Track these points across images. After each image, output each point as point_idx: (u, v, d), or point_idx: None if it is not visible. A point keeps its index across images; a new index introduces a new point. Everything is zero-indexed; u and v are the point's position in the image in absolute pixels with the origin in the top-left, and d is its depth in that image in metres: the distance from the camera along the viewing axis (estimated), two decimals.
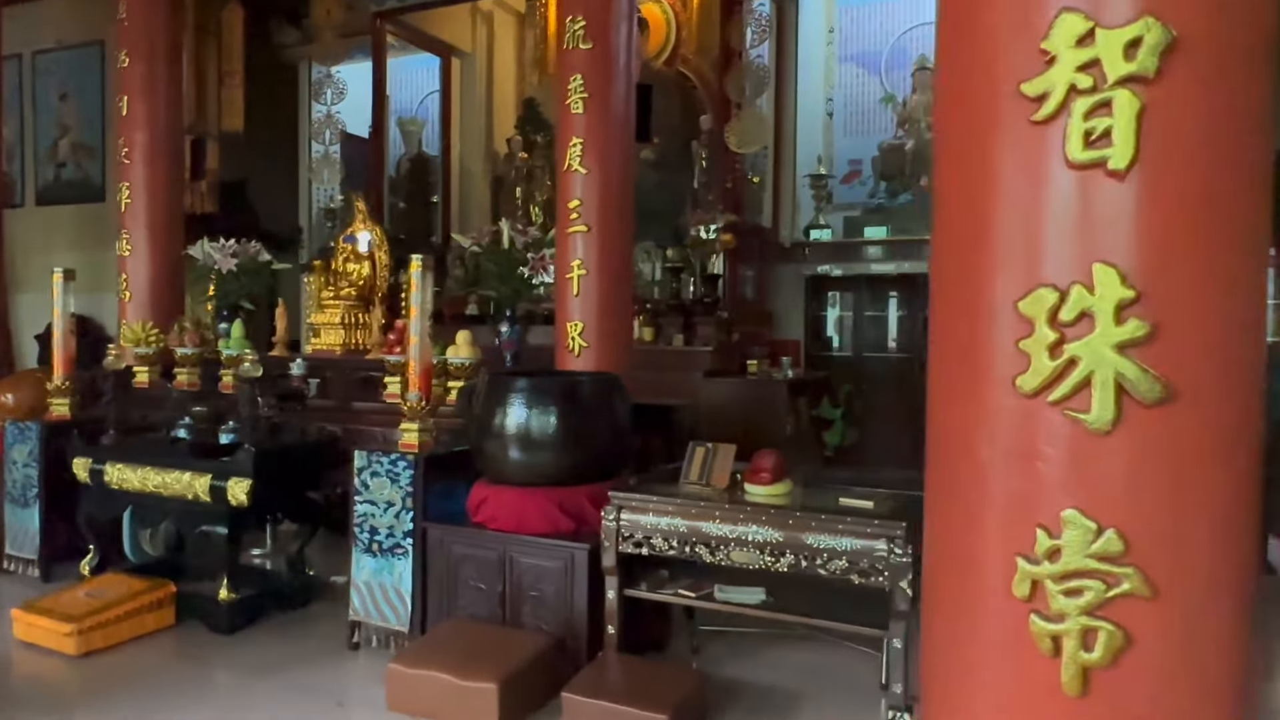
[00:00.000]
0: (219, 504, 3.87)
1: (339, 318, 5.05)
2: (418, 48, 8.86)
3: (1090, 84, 1.00)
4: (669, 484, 3.45)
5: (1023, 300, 1.05)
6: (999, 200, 1.10)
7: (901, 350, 8.45)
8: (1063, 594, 1.03)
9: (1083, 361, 1.01)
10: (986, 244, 1.11)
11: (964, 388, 1.15)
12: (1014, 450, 1.08)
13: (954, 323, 1.17)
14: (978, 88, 1.12)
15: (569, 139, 4.26)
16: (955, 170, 1.18)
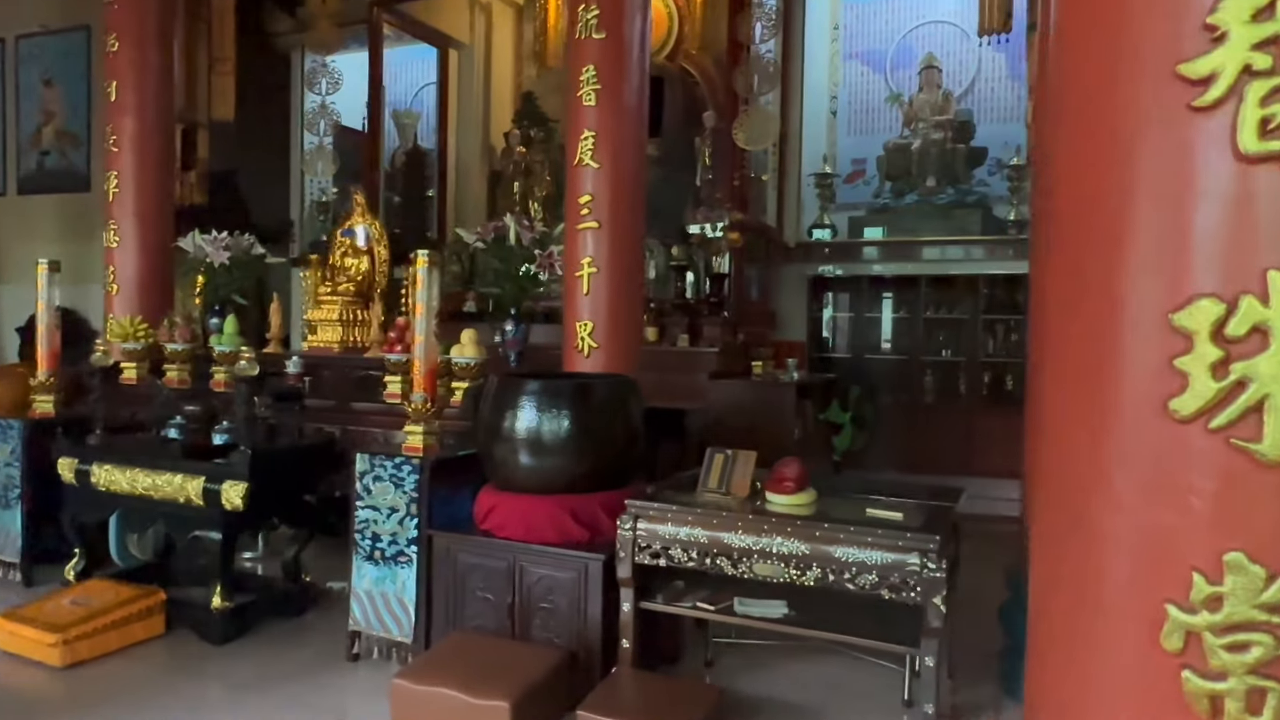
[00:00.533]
0: (213, 508, 3.70)
1: (337, 314, 4.88)
2: (414, 38, 8.67)
3: (1269, 64, 0.87)
4: (687, 492, 3.32)
5: (1178, 312, 0.93)
6: (1141, 197, 0.97)
7: (900, 352, 8.36)
8: (1225, 649, 0.90)
9: (1254, 383, 0.88)
10: (1124, 247, 0.98)
11: (1093, 408, 1.02)
12: (1161, 482, 0.95)
13: (1078, 336, 1.04)
14: (1113, 67, 0.99)
15: (580, 132, 4.11)
16: (1078, 164, 1.05)
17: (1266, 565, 0.89)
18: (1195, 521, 0.93)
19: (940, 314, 8.23)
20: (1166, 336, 0.94)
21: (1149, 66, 0.95)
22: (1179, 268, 0.93)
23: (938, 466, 7.69)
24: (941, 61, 7.54)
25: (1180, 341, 0.93)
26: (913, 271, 7.69)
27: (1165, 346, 0.94)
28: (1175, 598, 0.93)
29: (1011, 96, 7.55)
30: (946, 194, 7.23)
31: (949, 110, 7.36)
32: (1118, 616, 0.98)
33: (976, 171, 7.40)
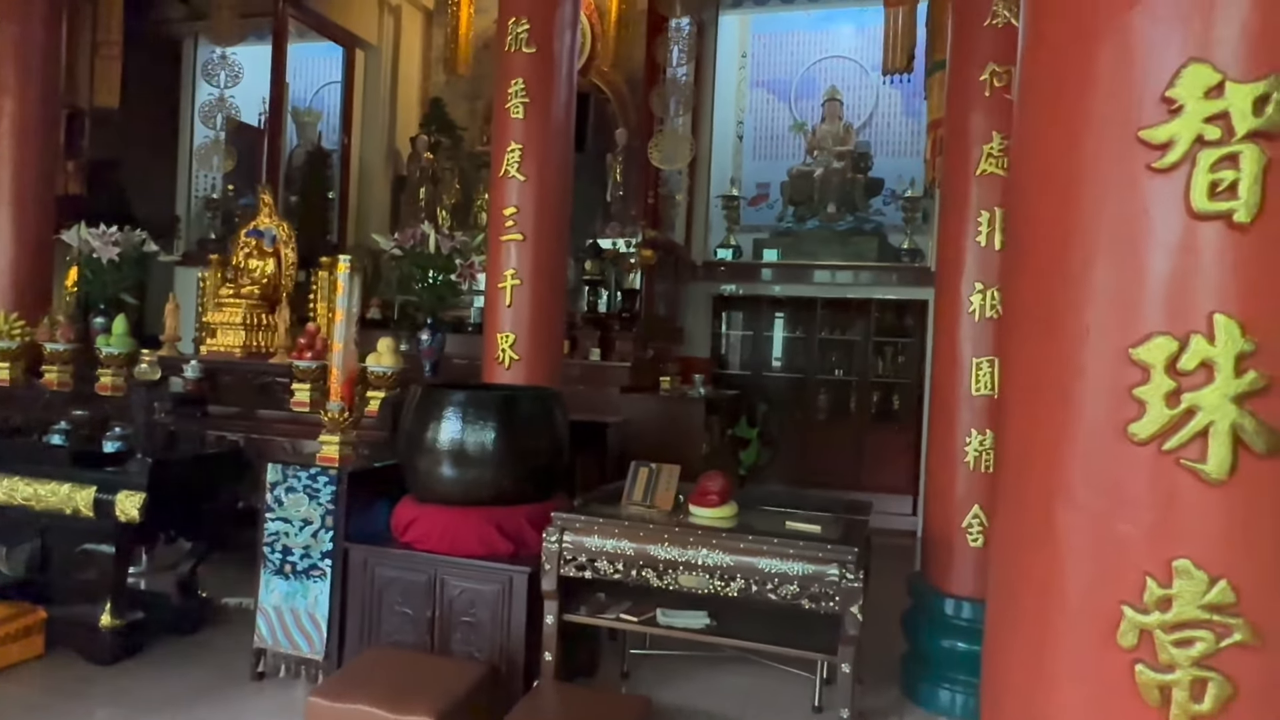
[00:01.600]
0: (104, 519, 3.48)
1: (240, 317, 4.66)
2: (319, 35, 8.41)
3: (1218, 135, 1.01)
4: (612, 505, 3.36)
5: (1137, 347, 1.05)
6: (1105, 244, 1.09)
7: (796, 371, 8.69)
8: (1173, 644, 1.02)
9: (1202, 411, 1.01)
10: (1090, 288, 1.10)
11: (1060, 429, 1.13)
12: (1119, 496, 1.07)
13: (1048, 364, 1.16)
14: (1080, 129, 1.12)
15: (506, 144, 4.11)
16: (1047, 211, 1.17)
17: (1209, 571, 1.02)
18: (1149, 532, 1.05)
19: (834, 335, 8.61)
20: (1126, 368, 1.06)
21: (1112, 130, 1.08)
22: (1138, 308, 1.06)
23: (830, 481, 8.02)
24: (843, 94, 7.92)
25: (1138, 373, 1.05)
26: (810, 294, 8.02)
27: (1125, 377, 1.06)
28: (1130, 599, 1.05)
29: (906, 131, 8.00)
30: (846, 221, 7.59)
31: (849, 141, 7.74)
32: (1078, 617, 1.10)
33: (873, 201, 7.79)
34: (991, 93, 3.49)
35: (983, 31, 3.52)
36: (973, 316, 3.51)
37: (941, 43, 4.91)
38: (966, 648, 3.37)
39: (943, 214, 3.79)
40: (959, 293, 3.57)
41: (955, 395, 3.58)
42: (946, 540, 3.57)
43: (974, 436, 3.48)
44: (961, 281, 3.57)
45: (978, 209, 3.51)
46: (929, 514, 3.77)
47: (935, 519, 3.67)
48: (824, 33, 8.24)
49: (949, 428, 3.61)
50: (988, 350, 3.46)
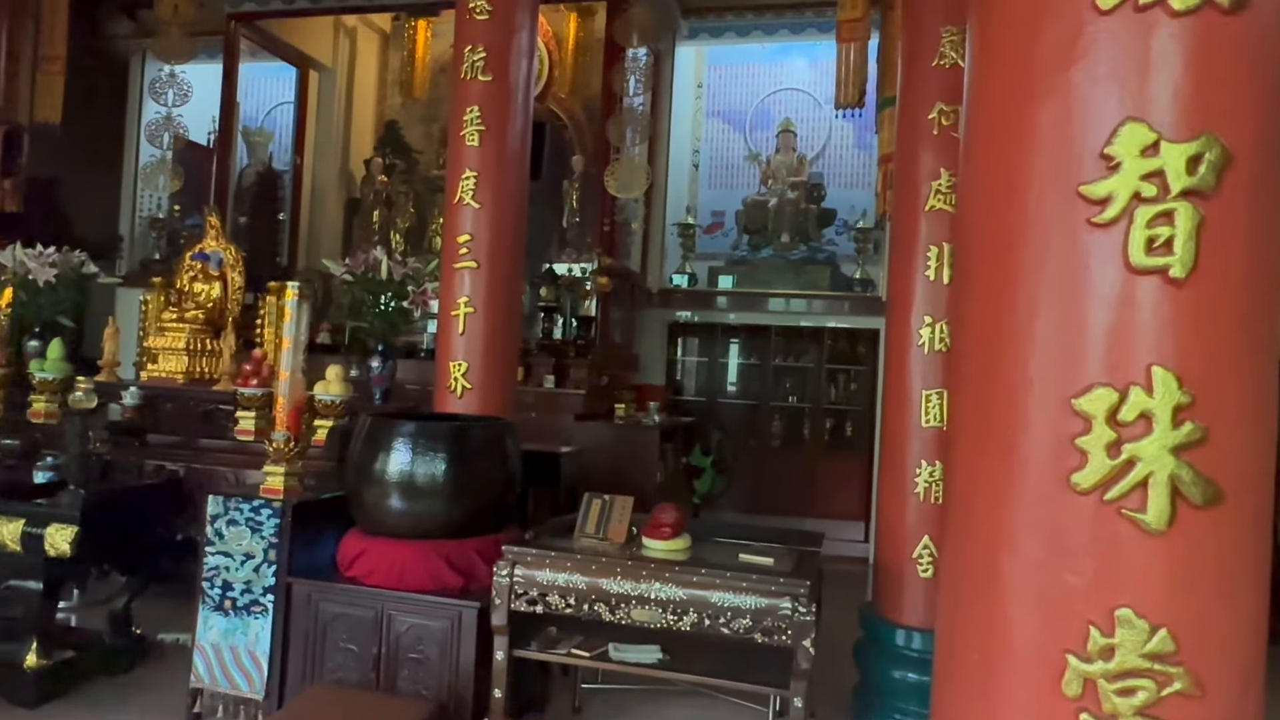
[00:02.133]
0: (33, 554, 3.33)
1: (183, 342, 4.53)
2: (271, 55, 8.31)
3: (1154, 193, 1.04)
4: (565, 537, 3.32)
5: (1080, 398, 1.07)
6: (1046, 296, 1.11)
7: (750, 397, 8.74)
8: (1116, 693, 1.03)
9: (1141, 462, 1.03)
10: (1032, 339, 1.12)
11: (1005, 477, 1.15)
12: (1063, 545, 1.08)
13: (993, 412, 1.17)
14: (1023, 182, 1.14)
15: (461, 171, 4.09)
16: (990, 261, 1.19)
17: (1150, 620, 1.03)
18: (1091, 581, 1.06)
19: (788, 362, 8.68)
20: (1069, 418, 1.08)
21: (1054, 185, 1.10)
22: (1079, 359, 1.08)
23: (785, 508, 8.04)
24: (797, 126, 8.06)
25: (1080, 423, 1.07)
26: (764, 321, 8.09)
27: (1068, 426, 1.08)
28: (1074, 648, 1.06)
29: (858, 164, 8.16)
30: (799, 250, 7.69)
31: (803, 172, 7.86)
32: (1023, 665, 1.10)
33: (826, 231, 7.91)
34: (939, 131, 3.57)
35: (931, 71, 3.61)
36: (922, 349, 3.56)
37: (892, 80, 5.03)
38: (917, 679, 3.39)
39: (893, 248, 3.85)
40: (909, 325, 3.62)
41: (905, 426, 3.63)
42: (897, 571, 3.59)
43: (924, 468, 3.52)
44: (911, 314, 3.63)
45: (926, 243, 3.58)
46: (880, 544, 3.79)
47: (886, 549, 3.70)
48: (778, 65, 8.38)
49: (899, 459, 3.65)
50: (937, 382, 3.51)
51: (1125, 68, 1.06)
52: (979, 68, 1.25)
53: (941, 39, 3.58)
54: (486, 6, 4.05)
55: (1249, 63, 1.04)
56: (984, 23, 1.24)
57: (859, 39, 5.62)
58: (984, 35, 1.24)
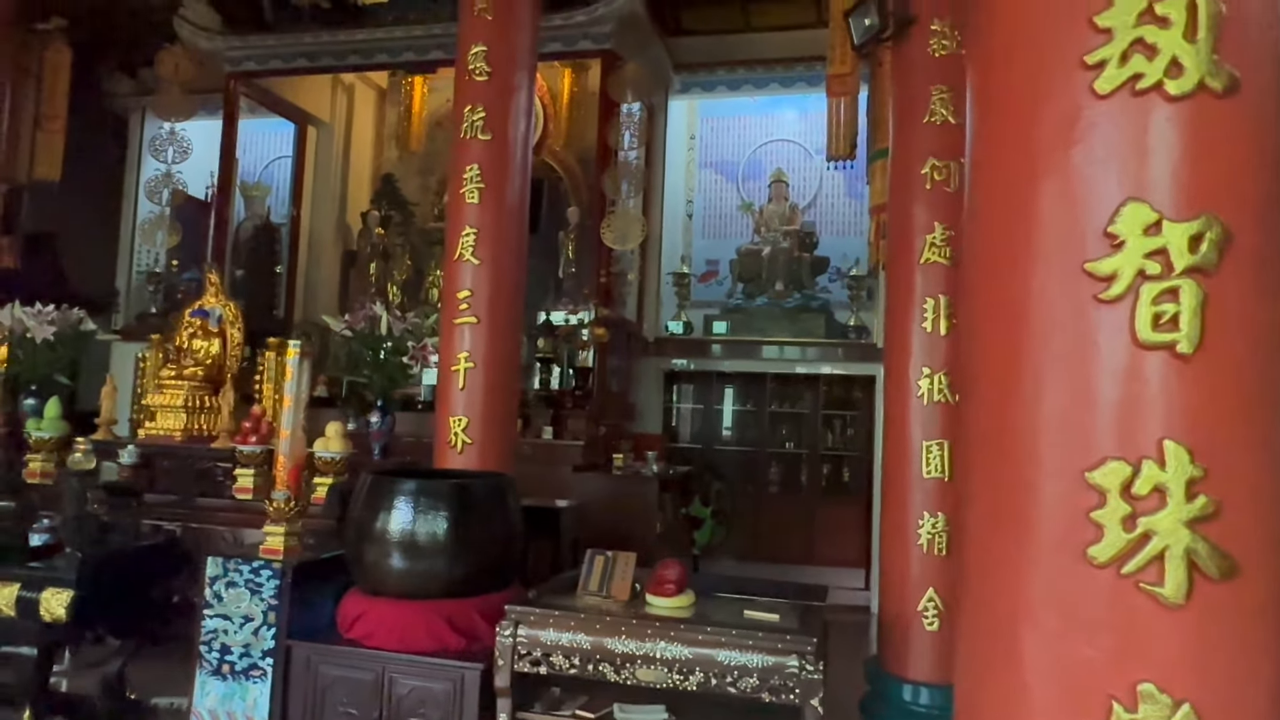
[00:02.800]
0: (28, 620, 3.28)
1: (181, 400, 4.52)
2: (271, 112, 8.43)
3: (1159, 270, 1.06)
4: (567, 595, 3.29)
5: (1093, 471, 1.08)
6: (1057, 370, 1.13)
7: (747, 444, 8.73)
8: None
9: (1157, 536, 1.04)
10: (1043, 411, 1.14)
11: (1021, 551, 1.15)
12: (1082, 619, 1.08)
13: (1006, 485, 1.18)
14: (1027, 258, 1.17)
15: (461, 228, 4.13)
16: (998, 336, 1.21)
17: (1172, 694, 1.03)
18: (1112, 655, 1.06)
19: (784, 408, 8.70)
20: (1082, 490, 1.09)
21: (1058, 261, 1.13)
22: (1090, 433, 1.10)
23: (783, 556, 7.99)
24: (788, 176, 8.19)
25: (1094, 496, 1.08)
26: (759, 368, 8.13)
27: (1082, 500, 1.09)
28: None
29: (849, 212, 8.27)
30: (794, 298, 7.76)
31: (796, 221, 7.96)
32: None
33: (820, 278, 7.99)
34: (932, 185, 3.64)
35: (922, 128, 3.69)
36: (921, 400, 3.58)
37: (882, 133, 5.13)
38: None
39: (889, 300, 3.90)
40: (907, 376, 3.65)
41: (906, 477, 3.63)
42: (903, 624, 3.57)
43: (926, 519, 3.51)
44: (909, 366, 3.65)
45: (923, 295, 3.62)
46: (884, 598, 3.77)
47: (890, 602, 3.67)
48: (769, 117, 8.54)
49: (901, 510, 3.65)
50: (938, 433, 3.52)
51: (1124, 149, 1.09)
52: (979, 144, 1.28)
53: (932, 97, 3.66)
54: (486, 68, 4.13)
55: (1244, 143, 1.08)
56: (983, 102, 1.28)
57: (849, 93, 5.74)
58: (983, 114, 1.29)
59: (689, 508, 5.66)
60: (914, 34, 3.75)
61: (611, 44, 6.67)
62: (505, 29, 4.19)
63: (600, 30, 6.60)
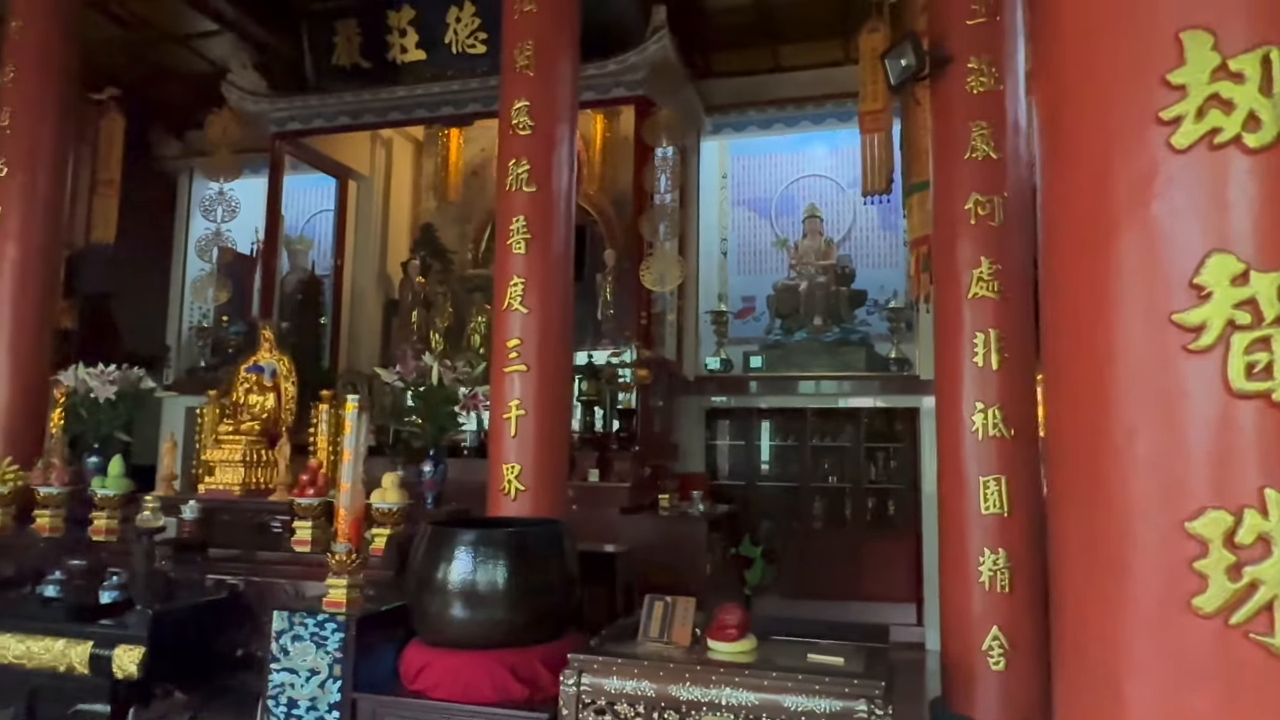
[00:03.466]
0: (101, 676, 3.35)
1: (239, 454, 4.62)
2: (313, 168, 8.68)
3: (1249, 320, 1.08)
4: (628, 642, 3.28)
5: (1193, 521, 1.08)
6: (1148, 420, 1.14)
7: (789, 479, 8.67)
8: None
9: (1265, 585, 1.04)
10: (1135, 462, 1.15)
11: (1123, 603, 1.16)
12: (1190, 669, 1.08)
13: (1098, 535, 1.19)
14: (1110, 312, 1.19)
15: (509, 277, 4.22)
16: (1084, 388, 1.22)
17: None
18: (1222, 706, 1.06)
19: (825, 442, 8.64)
20: (1183, 541, 1.09)
21: (1143, 313, 1.15)
22: (1186, 482, 1.10)
23: (831, 592, 7.89)
24: (822, 211, 8.23)
25: (1195, 546, 1.08)
26: (800, 404, 8.10)
27: (1183, 550, 1.09)
28: None
29: (885, 244, 8.28)
30: (833, 332, 7.76)
31: (831, 256, 7.99)
32: None
33: (858, 312, 7.99)
34: (977, 220, 3.65)
35: (964, 164, 3.71)
36: (976, 435, 3.56)
37: (919, 166, 5.15)
38: None
39: (937, 334, 3.89)
40: (960, 412, 3.63)
41: (964, 514, 3.60)
42: (967, 664, 3.51)
43: (987, 556, 3.47)
44: (961, 400, 3.64)
45: (972, 330, 3.62)
46: (946, 637, 3.72)
47: (953, 642, 3.62)
48: (800, 154, 8.61)
49: (960, 546, 3.61)
50: (994, 468, 3.50)
51: (1205, 202, 1.11)
52: (1051, 200, 1.31)
53: (972, 133, 3.69)
54: (529, 122, 4.24)
55: None
56: (1053, 159, 1.31)
57: (882, 129, 5.78)
58: (1054, 171, 1.31)
59: (738, 547, 5.65)
60: (951, 72, 3.80)
61: (644, 90, 6.80)
62: (546, 84, 4.30)
63: (633, 78, 6.73)
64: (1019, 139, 3.72)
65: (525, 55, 4.28)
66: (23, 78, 5.24)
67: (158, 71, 8.51)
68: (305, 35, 7.68)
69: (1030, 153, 3.84)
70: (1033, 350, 3.72)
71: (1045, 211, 1.34)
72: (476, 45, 7.23)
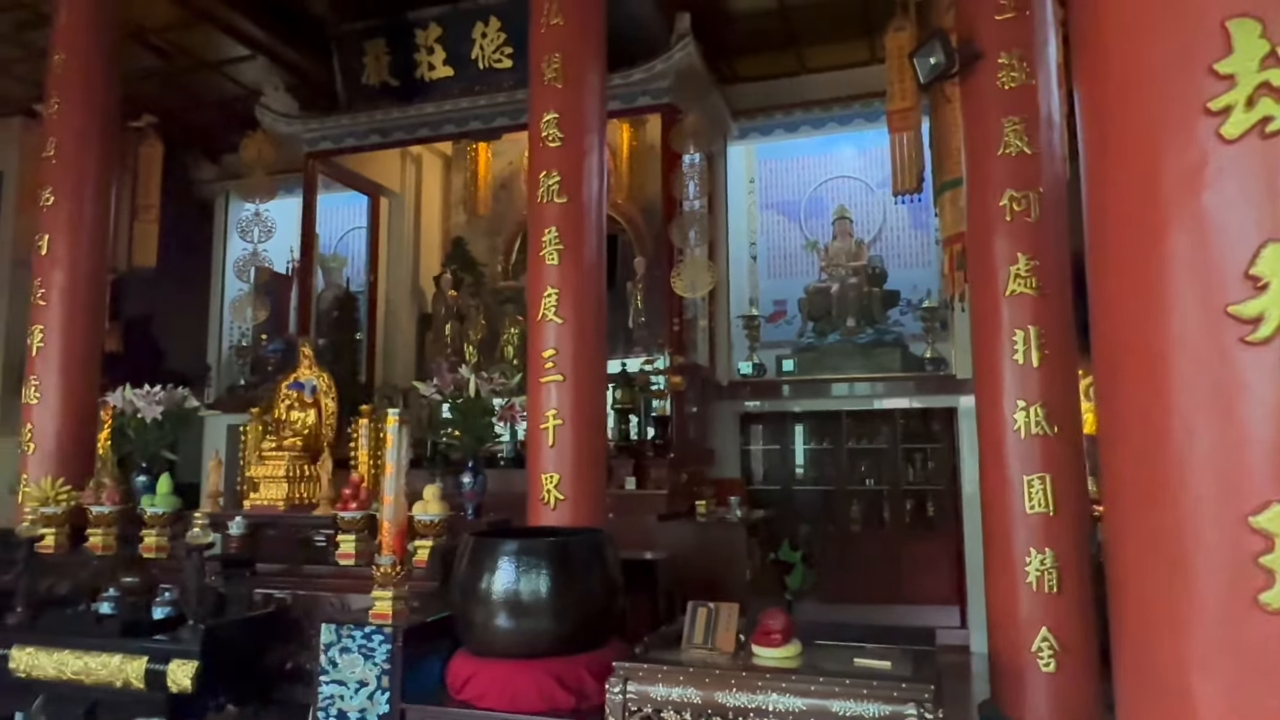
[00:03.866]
0: (156, 691, 3.42)
1: (283, 470, 4.70)
2: (345, 186, 8.82)
3: None
4: (673, 649, 3.28)
5: (1257, 515, 1.07)
6: (1206, 415, 1.13)
7: (826, 483, 8.62)
8: None
9: None
10: (1195, 458, 1.14)
11: (1184, 599, 1.14)
12: (1260, 666, 1.06)
13: (1159, 533, 1.17)
14: (1164, 304, 1.17)
15: (542, 288, 4.25)
16: (1138, 385, 1.21)
17: None
18: None
19: (861, 445, 8.58)
20: (1247, 535, 1.08)
21: (1197, 305, 1.13)
22: (1247, 476, 1.09)
23: (871, 596, 7.83)
24: (851, 212, 8.19)
25: (1260, 540, 1.07)
26: (834, 406, 8.05)
27: (1247, 545, 1.08)
28: None
29: (916, 244, 8.22)
30: (867, 333, 7.71)
31: (862, 257, 7.94)
32: None
33: (891, 312, 7.93)
34: (1012, 217, 3.62)
35: (997, 160, 3.68)
36: (1018, 434, 3.52)
37: (950, 164, 5.11)
38: None
39: (975, 333, 3.86)
40: (1001, 410, 3.59)
41: (1008, 514, 3.56)
42: (1016, 666, 3.47)
43: (1034, 556, 3.43)
44: (1002, 399, 3.60)
45: (1011, 327, 3.58)
46: (994, 639, 3.67)
47: (1001, 644, 3.57)
48: (827, 155, 8.59)
49: (1005, 547, 3.57)
50: (1038, 467, 3.45)
51: (1258, 192, 1.10)
52: (1096, 195, 1.30)
53: (1005, 129, 3.66)
54: (558, 134, 4.28)
55: None
56: (1098, 154, 1.30)
57: (911, 128, 5.75)
58: (1099, 165, 1.30)
59: (777, 552, 5.62)
60: (981, 68, 3.77)
61: (670, 98, 6.83)
62: (575, 95, 4.34)
63: (659, 86, 6.76)
64: (1053, 133, 3.68)
65: (553, 68, 4.32)
66: (67, 110, 5.38)
67: (193, 98, 8.70)
68: (335, 56, 7.82)
69: (1064, 147, 3.80)
70: (1073, 346, 3.67)
71: (1090, 206, 1.33)
72: (502, 60, 7.31)
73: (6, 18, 7.19)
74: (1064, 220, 3.71)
